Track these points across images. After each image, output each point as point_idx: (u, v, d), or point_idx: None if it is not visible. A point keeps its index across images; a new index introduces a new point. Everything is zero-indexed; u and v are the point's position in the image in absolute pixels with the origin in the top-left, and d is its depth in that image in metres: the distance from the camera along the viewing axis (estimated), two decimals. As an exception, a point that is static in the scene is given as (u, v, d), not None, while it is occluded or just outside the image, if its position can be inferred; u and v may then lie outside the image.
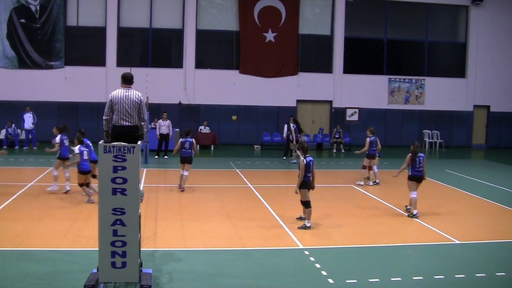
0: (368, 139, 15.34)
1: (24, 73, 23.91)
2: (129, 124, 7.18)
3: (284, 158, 20.56)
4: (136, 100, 7.23)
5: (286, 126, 20.45)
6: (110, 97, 7.29)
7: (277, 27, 25.54)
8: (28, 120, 21.82)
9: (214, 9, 25.41)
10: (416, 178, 11.92)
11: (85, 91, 24.27)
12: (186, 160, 13.72)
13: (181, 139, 13.79)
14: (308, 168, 10.41)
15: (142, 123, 7.40)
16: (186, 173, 13.83)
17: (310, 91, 26.07)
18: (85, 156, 12.14)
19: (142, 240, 8.35)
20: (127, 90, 7.26)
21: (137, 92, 7.35)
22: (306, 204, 10.54)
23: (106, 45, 24.52)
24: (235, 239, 9.74)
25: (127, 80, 7.38)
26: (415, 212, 11.75)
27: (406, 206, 12.34)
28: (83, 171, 12.10)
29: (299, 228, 10.49)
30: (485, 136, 28.14)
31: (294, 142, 19.53)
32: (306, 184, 10.48)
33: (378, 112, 26.52)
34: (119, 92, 7.24)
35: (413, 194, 11.79)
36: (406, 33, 27.22)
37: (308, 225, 10.48)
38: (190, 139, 13.79)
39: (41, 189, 13.66)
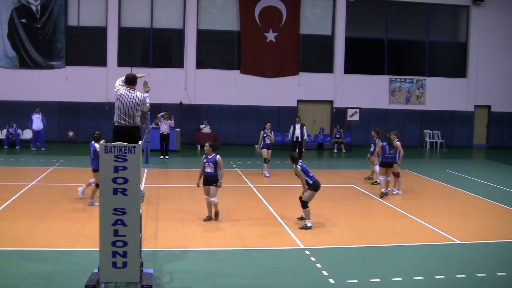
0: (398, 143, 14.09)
1: (25, 73, 23.91)
2: (130, 124, 7.21)
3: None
4: (138, 102, 7.27)
5: (292, 127, 20.28)
6: (115, 91, 7.33)
7: (278, 27, 25.53)
8: (37, 121, 21.65)
9: (215, 9, 25.42)
10: (385, 164, 13.74)
11: (86, 91, 24.28)
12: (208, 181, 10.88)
13: (203, 159, 10.87)
14: (306, 170, 10.54)
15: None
16: (212, 199, 10.92)
17: (311, 91, 26.07)
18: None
19: (143, 240, 8.35)
20: (131, 91, 7.30)
21: (141, 94, 7.38)
22: (304, 204, 10.55)
23: (107, 45, 24.53)
24: (236, 239, 9.74)
25: (130, 81, 7.41)
26: (383, 190, 13.70)
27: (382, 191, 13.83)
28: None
29: (300, 228, 10.49)
30: (486, 136, 28.12)
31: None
32: (315, 186, 10.53)
33: (379, 112, 26.50)
34: (123, 91, 7.27)
35: (382, 177, 13.88)
36: (407, 33, 27.21)
37: (309, 225, 10.49)
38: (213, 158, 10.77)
39: (42, 189, 13.67)
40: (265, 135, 16.93)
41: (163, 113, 20.51)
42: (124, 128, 7.17)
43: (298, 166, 10.49)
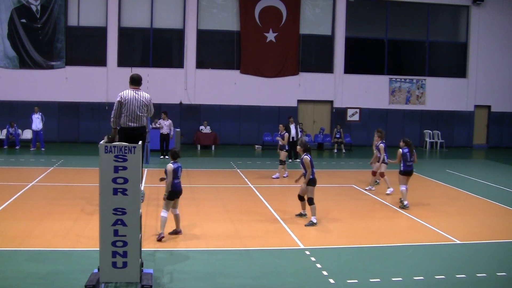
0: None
1: (25, 73, 23.92)
2: (137, 125, 7.24)
3: (290, 160, 20.15)
4: (145, 102, 7.31)
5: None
6: (119, 98, 7.32)
7: (278, 27, 25.53)
8: (36, 121, 21.63)
9: (215, 9, 25.42)
10: (408, 172, 12.64)
11: (86, 91, 24.29)
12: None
13: (172, 165, 9.48)
14: (312, 163, 10.79)
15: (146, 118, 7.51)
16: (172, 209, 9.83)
17: (311, 91, 26.07)
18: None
19: (143, 240, 8.35)
20: (137, 92, 7.33)
21: (146, 93, 7.41)
22: (311, 200, 10.74)
23: (107, 45, 24.53)
24: (236, 239, 9.74)
25: (135, 82, 7.44)
26: (405, 203, 12.53)
27: (400, 199, 12.88)
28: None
29: (306, 225, 10.65)
30: (486, 136, 28.12)
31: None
32: (315, 181, 10.79)
33: (379, 112, 26.51)
34: (129, 93, 7.29)
35: (403, 187, 12.62)
36: (407, 33, 27.21)
37: (314, 221, 10.69)
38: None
39: (42, 189, 13.67)
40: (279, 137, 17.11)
41: (161, 120, 20.37)
42: (131, 130, 7.21)
43: (307, 157, 10.70)
